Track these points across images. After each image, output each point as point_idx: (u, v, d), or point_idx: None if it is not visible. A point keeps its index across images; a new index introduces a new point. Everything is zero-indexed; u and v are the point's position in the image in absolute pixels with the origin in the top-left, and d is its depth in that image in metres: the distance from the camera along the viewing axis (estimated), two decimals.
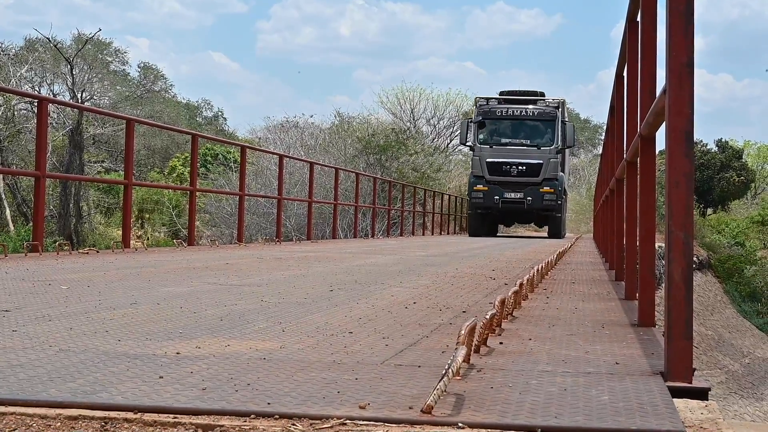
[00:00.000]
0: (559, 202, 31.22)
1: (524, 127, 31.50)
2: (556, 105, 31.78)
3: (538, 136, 31.26)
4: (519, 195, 30.82)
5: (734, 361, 27.31)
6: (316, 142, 39.73)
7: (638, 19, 5.45)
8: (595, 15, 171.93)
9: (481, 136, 31.54)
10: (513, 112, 31.58)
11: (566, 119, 32.36)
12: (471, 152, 32.23)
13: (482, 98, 32.91)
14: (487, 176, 30.98)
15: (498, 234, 36.68)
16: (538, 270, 7.25)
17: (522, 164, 30.82)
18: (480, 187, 30.97)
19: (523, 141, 31.21)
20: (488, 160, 31.01)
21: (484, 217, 32.22)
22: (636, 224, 5.85)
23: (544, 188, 30.88)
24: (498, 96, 33.02)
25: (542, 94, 32.97)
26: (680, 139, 3.08)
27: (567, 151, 34.21)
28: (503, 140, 31.35)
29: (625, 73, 7.18)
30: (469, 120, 32.36)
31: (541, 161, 30.85)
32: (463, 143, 32.16)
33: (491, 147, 31.21)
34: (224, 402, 2.60)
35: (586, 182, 72.64)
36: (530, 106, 31.70)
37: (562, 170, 32.33)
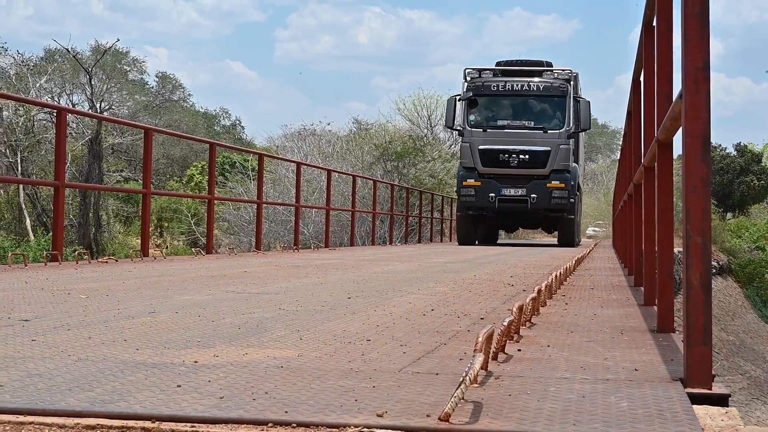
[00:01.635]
0: (572, 200, 24.94)
1: (527, 106, 25.44)
2: (566, 77, 25.49)
3: (544, 116, 25.25)
4: (520, 191, 24.66)
5: (756, 367, 27.17)
6: (333, 149, 39.78)
7: (654, 23, 5.44)
8: (612, 19, 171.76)
9: (472, 118, 25.45)
10: (512, 86, 25.41)
11: (580, 95, 26.31)
12: (460, 138, 26.30)
13: (473, 69, 26.21)
14: (480, 168, 24.90)
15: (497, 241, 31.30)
16: (556, 276, 7.23)
17: (524, 152, 24.69)
18: (471, 181, 24.94)
19: (526, 123, 25.16)
20: (481, 147, 24.90)
21: (477, 220, 26.08)
22: (654, 229, 5.84)
23: (553, 182, 24.66)
24: (494, 67, 26.52)
25: (549, 64, 26.51)
26: (697, 143, 3.07)
27: (582, 135, 28.23)
28: (500, 122, 25.28)
29: (641, 78, 7.16)
30: (457, 97, 25.63)
31: (549, 148, 24.67)
32: (450, 127, 26.09)
33: (485, 131, 25.11)
34: (242, 410, 2.59)
35: (603, 187, 72.43)
36: (534, 79, 25.44)
37: (576, 160, 26.19)
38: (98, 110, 44.42)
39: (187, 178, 51.66)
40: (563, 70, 25.69)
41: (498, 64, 26.63)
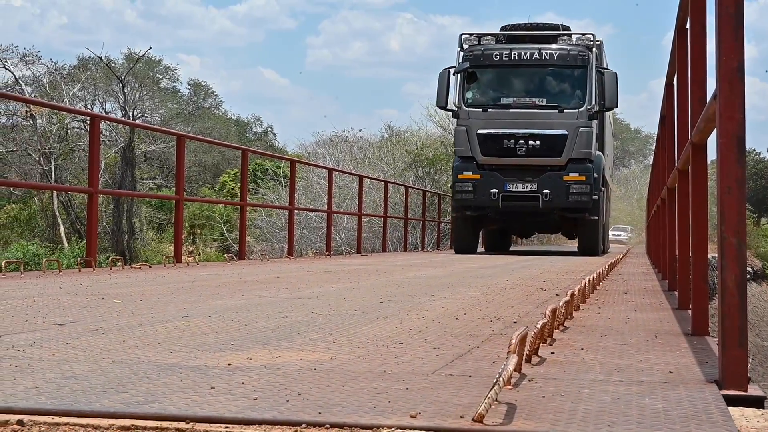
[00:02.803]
0: (595, 196, 20.05)
1: (538, 79, 20.60)
2: (587, 44, 20.57)
3: (559, 92, 20.46)
4: (530, 186, 19.84)
5: None
6: (365, 156, 39.81)
7: (687, 26, 5.41)
8: (645, 24, 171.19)
9: (469, 95, 20.54)
10: (520, 55, 20.43)
11: (605, 66, 21.59)
12: (455, 120, 21.21)
13: (471, 34, 21.29)
14: (480, 157, 20.07)
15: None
16: (589, 280, 7.21)
17: (534, 137, 19.87)
18: (468, 174, 20.11)
19: (537, 100, 20.32)
20: (481, 131, 20.06)
21: (477, 223, 21.44)
22: (688, 233, 5.81)
23: (571, 175, 19.80)
24: (497, 32, 21.70)
25: (566, 28, 21.77)
26: (732, 144, 3.05)
27: (608, 117, 23.72)
28: (504, 100, 20.44)
29: (675, 82, 7.13)
30: (451, 70, 20.64)
31: (565, 132, 19.82)
32: (442, 106, 20.83)
33: (485, 111, 20.25)
34: (275, 412, 2.60)
35: (637, 192, 72.15)
36: (547, 46, 20.50)
37: (600, 147, 21.25)
38: (131, 118, 44.68)
39: (219, 185, 51.89)
40: (584, 35, 20.83)
41: (503, 28, 21.85)
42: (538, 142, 19.85)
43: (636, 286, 8.93)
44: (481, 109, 20.32)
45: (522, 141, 19.87)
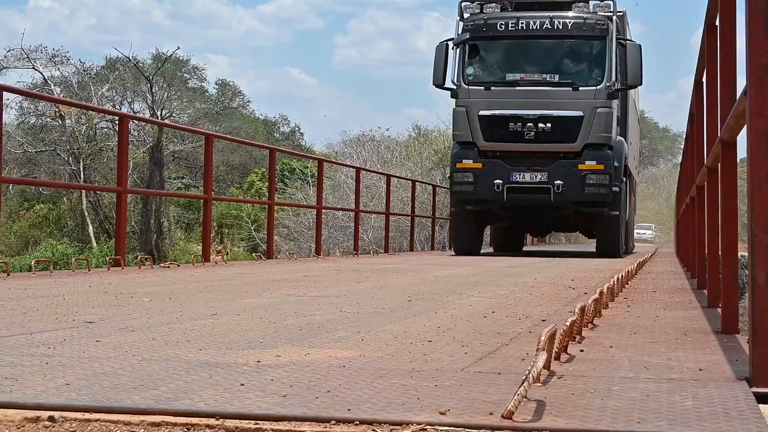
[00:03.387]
0: (616, 188, 17.57)
1: (549, 52, 18.05)
2: (608, 13, 17.78)
3: (575, 67, 17.95)
4: (539, 176, 17.37)
5: None
6: (392, 155, 39.81)
7: (717, 23, 5.39)
8: (674, 22, 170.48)
9: (470, 71, 18.07)
10: (529, 24, 17.79)
11: (628, 37, 18.72)
12: (454, 101, 18.28)
13: (472, 1, 18.53)
14: (482, 143, 17.63)
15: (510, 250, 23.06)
16: (618, 279, 7.19)
17: (545, 119, 17.36)
18: (468, 163, 17.70)
19: (548, 77, 17.77)
20: (483, 112, 17.59)
21: (480, 219, 19.00)
22: (718, 231, 5.78)
23: (587, 163, 17.30)
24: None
25: None
26: (762, 140, 3.04)
27: (632, 97, 21.32)
28: (510, 76, 17.88)
29: (704, 79, 7.10)
30: (449, 42, 18.12)
31: (581, 113, 17.30)
32: (439, 85, 17.98)
33: (488, 89, 17.78)
34: (305, 408, 2.60)
35: (665, 191, 71.88)
36: (561, 14, 17.81)
37: (623, 132, 19.08)
38: (159, 118, 44.85)
39: (247, 184, 52.04)
40: (603, 1, 18.04)
41: None
42: (549, 125, 17.34)
43: (665, 284, 8.90)
44: (483, 88, 17.82)
45: (530, 124, 17.37)
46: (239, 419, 2.52)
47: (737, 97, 4.04)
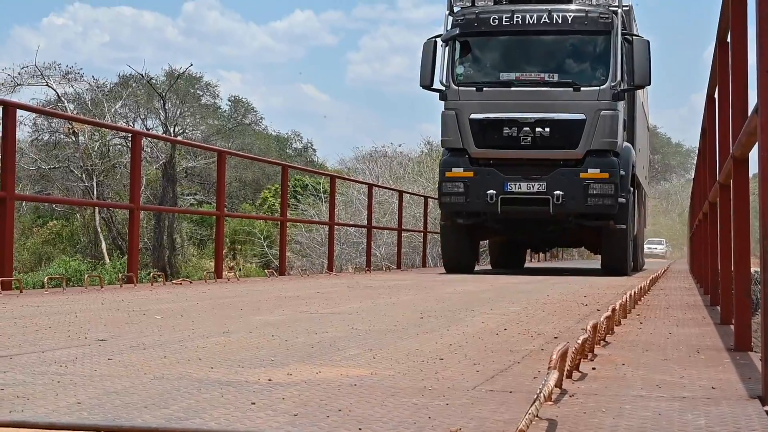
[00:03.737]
0: (622, 199, 15.94)
1: (548, 49, 16.51)
2: (613, 7, 16.10)
3: (576, 65, 16.36)
4: (537, 186, 15.75)
5: None
6: (404, 171, 39.83)
7: (728, 39, 5.39)
8: (687, 37, 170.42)
9: (460, 70, 16.46)
10: (525, 19, 16.19)
11: (635, 32, 17.54)
12: (443, 103, 16.51)
13: None
14: (473, 149, 16.06)
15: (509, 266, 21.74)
16: (630, 296, 7.17)
17: (543, 122, 15.77)
18: (458, 172, 16.15)
19: (546, 76, 16.10)
20: (474, 116, 16.01)
21: (472, 233, 17.42)
22: (730, 247, 5.77)
23: (590, 171, 15.71)
24: None
25: None
26: None
27: (640, 99, 19.91)
28: (504, 76, 16.26)
29: (716, 95, 7.09)
30: (438, 39, 16.46)
31: (583, 116, 15.70)
32: (426, 86, 16.32)
33: (480, 90, 16.14)
34: (315, 427, 2.60)
35: (678, 206, 71.76)
36: (561, 7, 16.25)
37: (630, 138, 17.76)
38: (172, 134, 44.96)
39: (260, 200, 52.11)
40: None
41: None
42: (547, 130, 15.75)
43: (678, 301, 8.87)
44: (474, 89, 16.15)
45: (527, 128, 15.78)
46: None
47: (749, 113, 4.03)
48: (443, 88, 16.31)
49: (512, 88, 16.05)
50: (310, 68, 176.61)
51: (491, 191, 15.80)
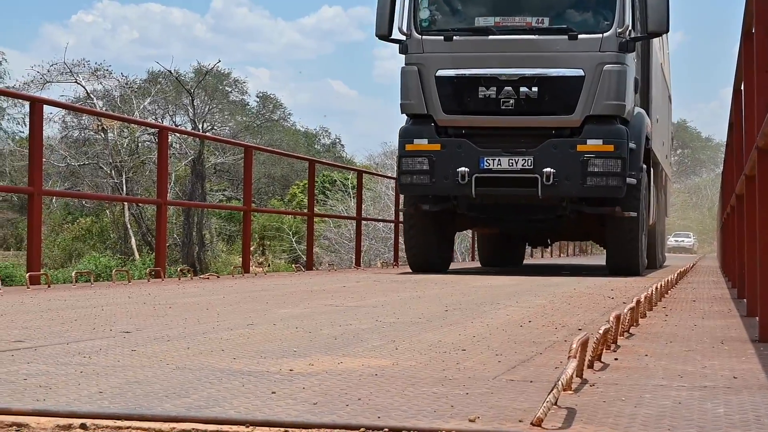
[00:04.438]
0: (632, 180, 12.68)
1: None
2: None
3: (573, 8, 12.96)
4: (522, 162, 12.52)
5: None
6: None
7: (753, 30, 5.36)
8: (716, 31, 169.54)
9: (424, 14, 13.07)
10: None
11: None
12: (403, 57, 13.08)
13: None
14: (441, 115, 12.82)
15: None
16: (656, 288, 7.15)
17: (530, 80, 12.53)
18: (421, 144, 12.84)
19: (533, 21, 12.83)
20: (443, 72, 12.78)
21: (440, 223, 13.84)
22: (756, 239, 5.74)
23: (590, 143, 12.45)
24: None
25: None
26: None
27: (657, 51, 15.97)
28: (480, 21, 12.99)
29: (742, 87, 7.06)
30: None
31: (581, 71, 12.49)
32: (383, 35, 13.02)
33: (449, 40, 12.81)
34: (335, 416, 2.61)
35: (708, 201, 71.42)
36: None
37: (644, 103, 14.41)
38: (200, 131, 45.10)
39: (289, 196, 52.23)
40: None
41: None
42: (535, 90, 12.38)
43: (705, 294, 8.84)
44: (442, 37, 12.72)
45: (509, 88, 12.39)
46: (269, 426, 2.53)
47: None
48: (404, 37, 12.92)
49: (490, 37, 12.68)
50: (339, 64, 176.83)
51: (463, 169, 12.38)
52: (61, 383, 3.09)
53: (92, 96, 43.27)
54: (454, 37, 12.72)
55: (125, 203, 39.72)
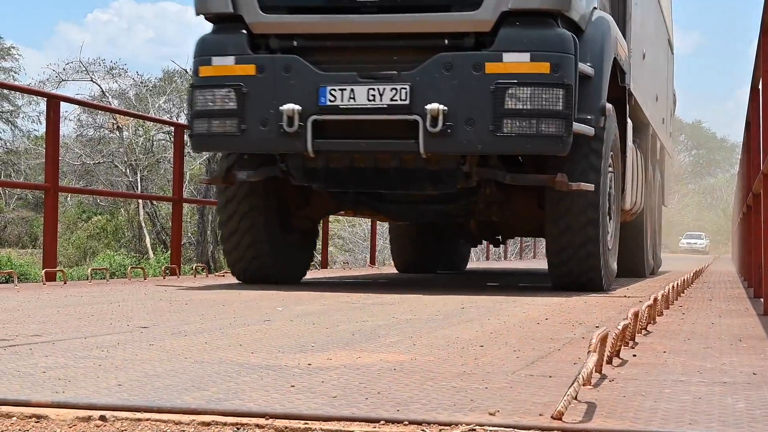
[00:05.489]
0: (583, 126, 7.58)
1: None
2: None
3: None
4: (391, 92, 7.46)
5: None
6: None
7: None
8: (732, 32, 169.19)
9: None
10: None
11: None
12: None
13: None
14: (256, 16, 7.80)
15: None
16: (673, 287, 7.13)
17: None
18: (225, 65, 7.79)
19: None
20: None
21: (267, 200, 8.67)
22: None
23: (508, 58, 7.33)
24: None
25: None
26: None
27: None
28: None
29: (760, 86, 7.04)
30: None
31: None
32: None
33: None
34: (354, 408, 2.61)
35: (723, 202, 71.22)
36: None
37: (617, 14, 9.44)
38: None
39: None
40: None
41: None
42: None
43: (721, 293, 8.81)
44: None
45: None
46: (288, 419, 2.53)
47: None
48: None
49: None
50: None
51: (291, 106, 7.65)
52: (79, 376, 3.09)
53: (107, 94, 43.34)
54: None
55: (140, 201, 39.78)
